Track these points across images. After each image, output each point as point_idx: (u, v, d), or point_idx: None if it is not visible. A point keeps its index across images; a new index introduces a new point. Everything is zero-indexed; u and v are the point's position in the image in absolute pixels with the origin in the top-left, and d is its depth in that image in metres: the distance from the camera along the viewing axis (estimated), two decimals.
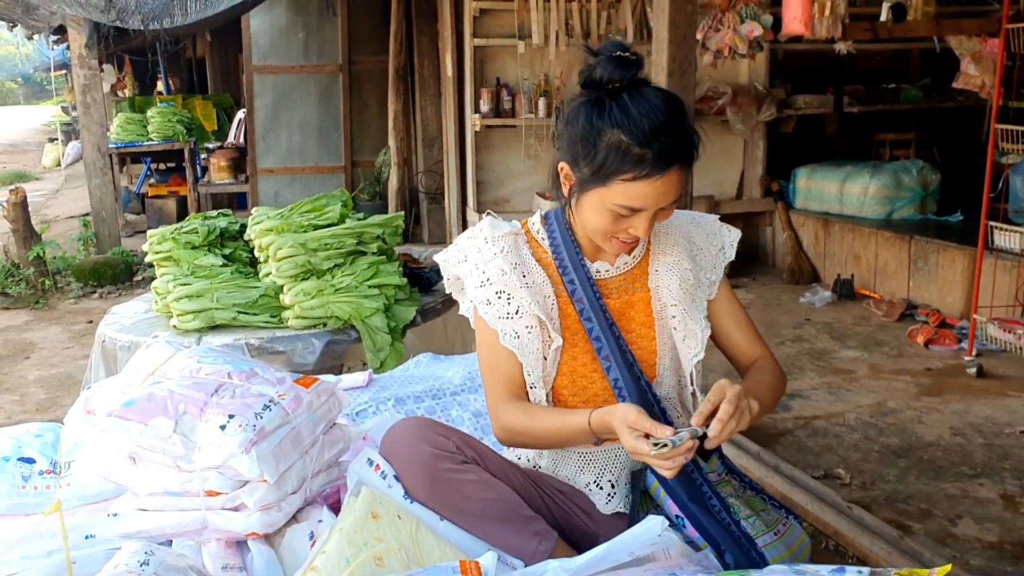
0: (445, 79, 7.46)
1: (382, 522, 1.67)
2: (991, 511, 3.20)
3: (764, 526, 1.79)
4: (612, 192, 1.71)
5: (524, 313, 1.82)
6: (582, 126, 1.73)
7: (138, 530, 1.66)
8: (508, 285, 1.82)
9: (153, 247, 3.51)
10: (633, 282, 1.92)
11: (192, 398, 1.66)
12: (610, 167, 1.69)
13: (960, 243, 5.39)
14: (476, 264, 1.86)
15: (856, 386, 4.47)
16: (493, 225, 1.89)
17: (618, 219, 1.74)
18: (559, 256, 1.89)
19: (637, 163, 1.67)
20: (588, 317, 1.83)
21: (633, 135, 1.67)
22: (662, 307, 1.90)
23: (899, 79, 8.05)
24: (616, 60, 1.72)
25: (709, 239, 2.00)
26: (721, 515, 1.77)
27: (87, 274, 7.11)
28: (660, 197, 1.71)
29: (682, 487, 1.78)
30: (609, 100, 1.71)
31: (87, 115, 7.81)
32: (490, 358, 1.88)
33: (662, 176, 1.68)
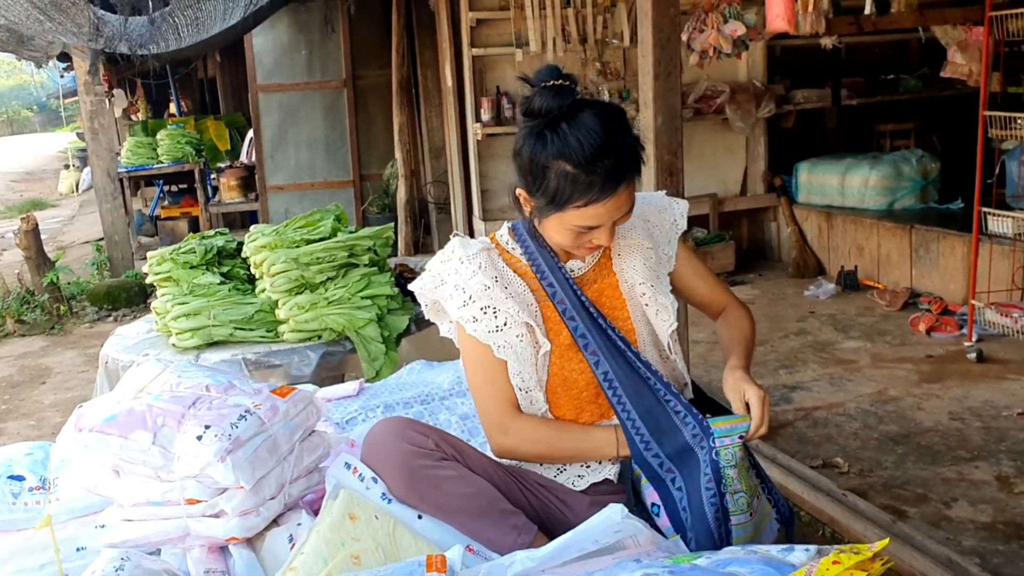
0: (445, 90, 7.53)
1: (359, 522, 1.73)
2: (986, 492, 3.23)
3: (745, 505, 1.84)
4: (569, 216, 1.80)
5: (512, 322, 1.89)
6: (528, 159, 1.82)
7: (124, 540, 1.73)
8: (493, 299, 1.89)
9: (153, 268, 3.59)
10: (600, 270, 2.01)
11: (170, 411, 1.73)
12: (561, 197, 1.78)
13: (960, 230, 5.39)
14: (455, 285, 1.93)
15: (858, 376, 4.50)
16: (464, 245, 1.96)
17: (579, 235, 1.84)
18: (535, 263, 1.96)
19: (586, 190, 1.76)
20: (571, 316, 1.90)
21: (577, 163, 1.76)
22: (630, 287, 1.98)
23: (897, 69, 8.04)
24: (551, 90, 1.80)
25: (661, 215, 2.09)
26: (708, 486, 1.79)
27: (101, 298, 7.21)
28: (614, 212, 1.81)
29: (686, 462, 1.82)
30: (548, 131, 1.79)
31: (95, 141, 7.94)
32: (485, 374, 1.94)
33: (613, 196, 1.77)
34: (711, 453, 1.81)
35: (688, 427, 1.83)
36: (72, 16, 4.32)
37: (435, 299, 2.01)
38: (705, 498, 1.79)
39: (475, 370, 1.96)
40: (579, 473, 1.99)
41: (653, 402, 1.87)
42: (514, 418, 1.92)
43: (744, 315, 2.13)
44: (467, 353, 1.97)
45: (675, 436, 1.84)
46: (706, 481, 1.80)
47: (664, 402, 1.86)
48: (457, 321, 1.93)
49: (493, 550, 1.80)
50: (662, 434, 1.85)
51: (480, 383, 1.96)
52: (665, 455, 1.84)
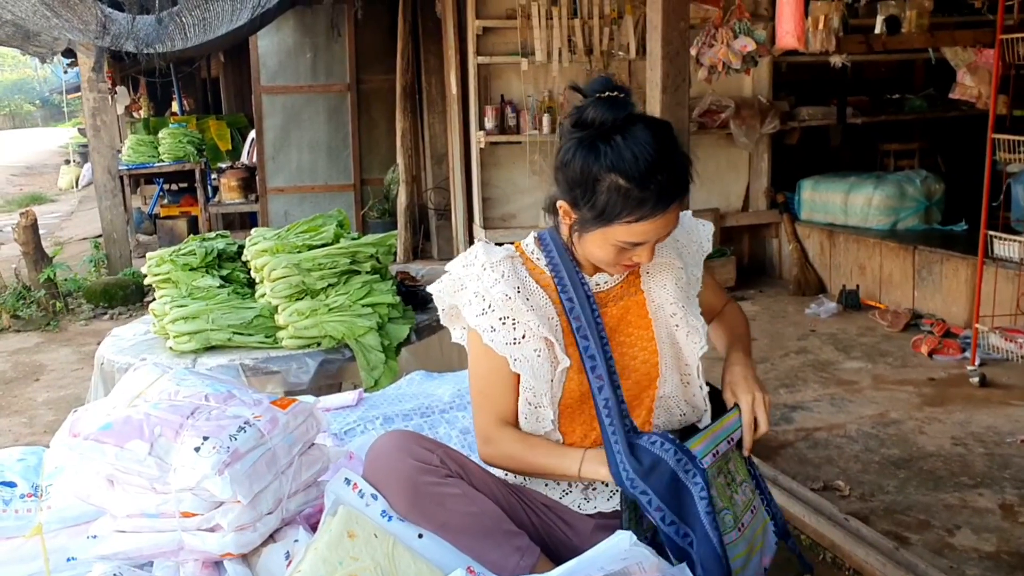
0: (450, 97, 7.51)
1: (358, 541, 1.69)
2: (989, 521, 3.18)
3: (732, 521, 1.80)
4: (615, 231, 1.76)
5: (531, 336, 1.84)
6: (579, 170, 1.76)
7: (116, 551, 1.69)
8: (513, 310, 1.84)
9: (152, 269, 3.55)
10: (627, 287, 1.96)
11: (168, 421, 1.69)
12: (611, 211, 1.74)
13: (964, 253, 5.37)
14: (475, 292, 1.87)
15: (859, 397, 4.46)
16: (488, 251, 1.90)
17: (621, 252, 1.80)
18: (558, 275, 1.91)
19: (639, 205, 1.72)
20: (584, 335, 1.85)
21: (631, 178, 1.71)
22: (657, 307, 1.94)
23: (903, 89, 8.03)
24: (607, 102, 1.75)
25: (689, 236, 2.06)
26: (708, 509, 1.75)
27: (98, 296, 7.16)
28: (662, 230, 1.78)
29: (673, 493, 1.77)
30: (602, 143, 1.74)
31: (97, 138, 7.90)
32: (485, 384, 1.91)
33: (664, 214, 1.74)
34: (704, 476, 1.77)
35: (668, 452, 1.76)
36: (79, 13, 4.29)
37: (453, 304, 1.96)
38: (707, 524, 1.75)
39: (478, 377, 1.93)
40: (585, 496, 1.95)
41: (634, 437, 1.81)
42: (499, 429, 1.89)
43: (737, 311, 2.16)
44: (476, 360, 1.93)
45: (660, 467, 1.77)
46: (704, 505, 1.75)
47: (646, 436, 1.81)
48: (474, 329, 1.88)
49: (495, 572, 1.76)
50: (648, 468, 1.77)
51: (478, 390, 1.93)
52: (653, 490, 1.77)
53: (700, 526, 1.75)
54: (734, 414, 1.87)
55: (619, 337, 1.91)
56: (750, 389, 1.87)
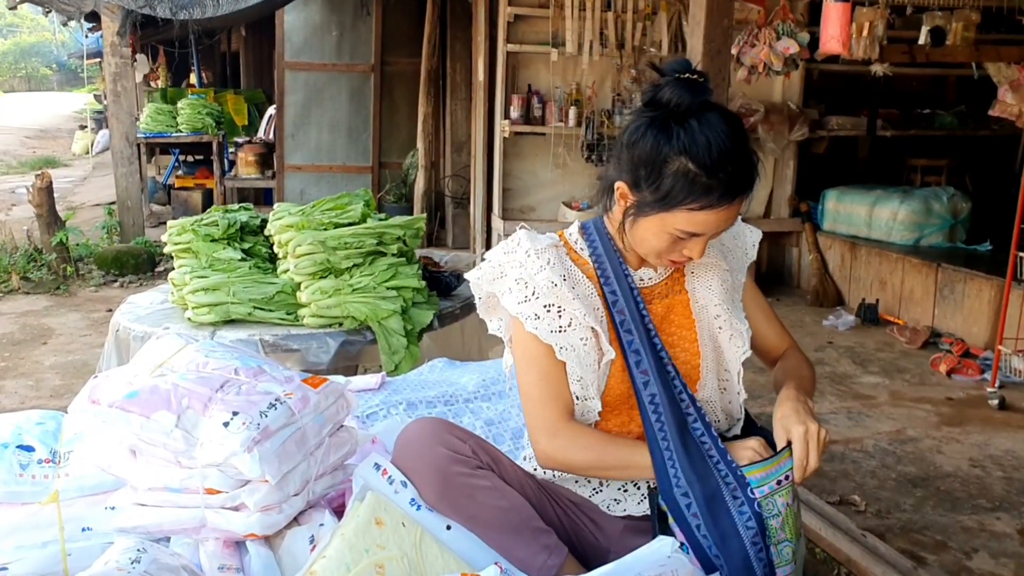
0: (476, 84, 7.44)
1: (385, 529, 1.63)
2: (1008, 546, 3.14)
3: (791, 554, 1.73)
4: (675, 218, 1.70)
5: (577, 325, 1.78)
6: (648, 149, 1.70)
7: (135, 525, 1.63)
8: (559, 298, 1.77)
9: (172, 238, 3.49)
10: (672, 285, 1.90)
11: (196, 393, 1.63)
12: (676, 195, 1.68)
13: (988, 273, 5.31)
14: (517, 279, 1.80)
15: (876, 412, 4.41)
16: (532, 238, 1.84)
17: (676, 242, 1.74)
18: (601, 266, 1.85)
19: (705, 193, 1.66)
20: (628, 329, 1.79)
21: (702, 164, 1.65)
22: (701, 308, 1.88)
23: (934, 105, 7.95)
24: (686, 83, 1.69)
25: (735, 240, 2.00)
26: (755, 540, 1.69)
27: (109, 262, 7.13)
28: (722, 224, 1.72)
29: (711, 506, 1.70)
30: (675, 125, 1.68)
31: (117, 103, 7.85)
32: (539, 373, 1.80)
33: (728, 206, 1.68)
34: (752, 505, 1.69)
35: (720, 473, 1.71)
36: None
37: (492, 292, 1.88)
38: (752, 553, 1.68)
39: (529, 367, 1.81)
40: (615, 497, 1.89)
41: (690, 439, 1.74)
42: (567, 422, 1.79)
43: (805, 362, 2.00)
44: (523, 350, 1.82)
45: (707, 480, 1.71)
46: (751, 536, 1.68)
47: (700, 443, 1.74)
48: (515, 317, 1.80)
49: (521, 569, 1.70)
50: (695, 474, 1.71)
51: (533, 381, 1.81)
52: (694, 497, 1.71)
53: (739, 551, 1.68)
54: (787, 454, 1.73)
55: (662, 335, 1.85)
56: (802, 421, 1.73)
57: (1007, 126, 6.04)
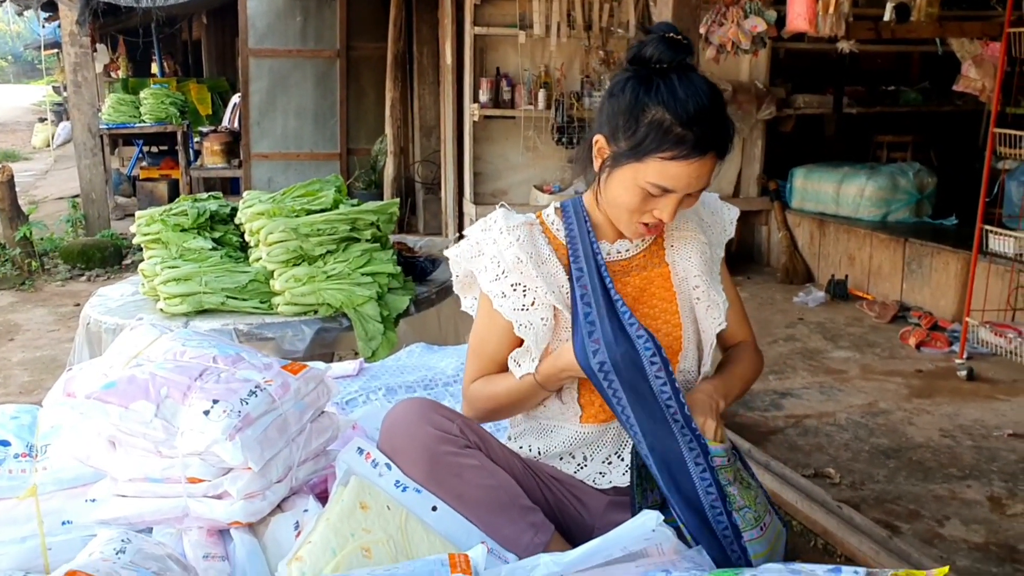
0: (444, 67, 7.40)
1: (370, 513, 1.63)
2: (978, 512, 3.20)
3: (754, 520, 1.76)
4: (647, 169, 1.70)
5: (539, 304, 1.81)
6: (628, 100, 1.73)
7: (116, 516, 1.62)
8: (524, 275, 1.81)
9: (141, 228, 3.45)
10: (651, 258, 1.92)
11: (175, 382, 1.62)
12: (649, 144, 1.69)
13: (954, 247, 5.38)
14: (492, 257, 1.84)
15: (847, 386, 4.46)
16: (507, 216, 1.87)
17: (646, 198, 1.74)
18: (573, 244, 1.86)
19: (677, 143, 1.67)
20: (588, 302, 1.79)
21: (677, 115, 1.67)
22: (681, 280, 1.90)
23: (899, 82, 8.04)
24: (668, 41, 1.73)
25: (714, 216, 2.02)
26: (714, 504, 1.72)
27: (75, 256, 7.03)
28: (693, 181, 1.71)
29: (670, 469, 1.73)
30: (657, 78, 1.71)
31: (78, 94, 7.72)
32: (479, 345, 1.91)
33: (699, 159, 1.68)
34: (713, 473, 1.72)
35: (684, 439, 1.72)
36: None
37: (469, 270, 1.92)
38: (711, 516, 1.72)
39: (475, 339, 1.93)
40: (600, 471, 1.91)
41: (654, 405, 1.73)
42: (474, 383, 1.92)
43: (757, 358, 2.04)
44: (479, 322, 1.92)
45: (669, 445, 1.73)
46: (711, 500, 1.72)
47: (666, 406, 1.72)
48: (486, 294, 1.85)
49: (508, 547, 1.71)
50: (656, 439, 1.73)
51: (472, 351, 1.93)
52: (654, 460, 1.73)
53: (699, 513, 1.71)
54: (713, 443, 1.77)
55: (642, 308, 1.87)
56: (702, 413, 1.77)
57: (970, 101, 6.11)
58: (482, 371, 1.91)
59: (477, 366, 1.92)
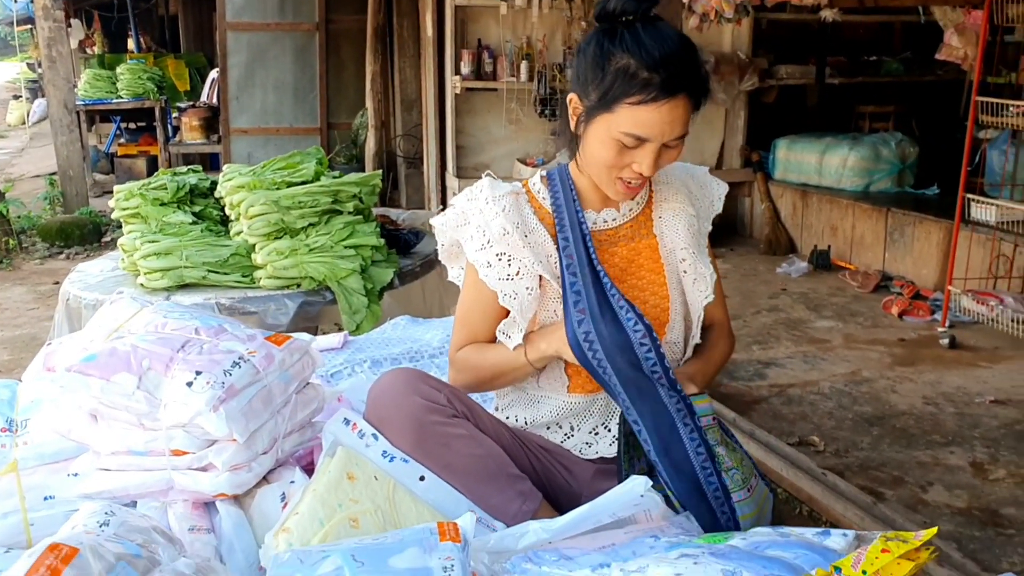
0: (425, 40, 7.33)
1: (358, 483, 1.62)
2: (961, 478, 3.24)
3: (741, 481, 1.76)
4: (618, 118, 1.68)
5: (525, 274, 1.79)
6: (593, 52, 1.71)
7: (100, 490, 1.60)
8: (510, 246, 1.79)
9: (120, 203, 3.41)
10: (639, 228, 1.89)
11: (157, 354, 1.59)
12: (617, 90, 1.66)
13: (936, 216, 5.40)
14: (478, 226, 1.82)
15: (831, 355, 4.49)
16: (493, 185, 1.85)
17: (622, 151, 1.71)
18: (559, 213, 1.85)
19: (644, 86, 1.64)
20: (574, 272, 1.78)
21: (642, 59, 1.65)
22: (669, 252, 1.88)
23: (881, 52, 8.03)
24: None
25: (703, 190, 1.99)
26: (704, 465, 1.72)
27: (53, 234, 6.96)
28: (666, 127, 1.68)
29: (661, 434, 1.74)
30: (622, 29, 1.69)
31: (52, 70, 7.61)
32: (466, 314, 1.90)
33: (668, 101, 1.65)
34: (701, 433, 1.73)
35: (672, 399, 1.73)
36: None
37: (455, 239, 1.91)
38: (703, 477, 1.72)
39: (462, 308, 1.93)
40: (587, 441, 1.91)
41: (640, 373, 1.73)
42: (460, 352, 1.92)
43: (730, 342, 2.05)
44: (465, 292, 1.91)
45: (658, 411, 1.73)
46: (701, 461, 1.72)
47: (651, 373, 1.72)
48: (471, 263, 1.84)
49: (496, 516, 1.71)
50: (645, 405, 1.74)
51: (458, 320, 1.93)
52: (644, 425, 1.74)
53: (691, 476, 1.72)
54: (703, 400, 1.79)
55: (630, 280, 1.86)
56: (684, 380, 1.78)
57: (952, 71, 6.12)
58: (469, 340, 1.91)
59: (464, 335, 1.91)
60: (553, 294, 1.81)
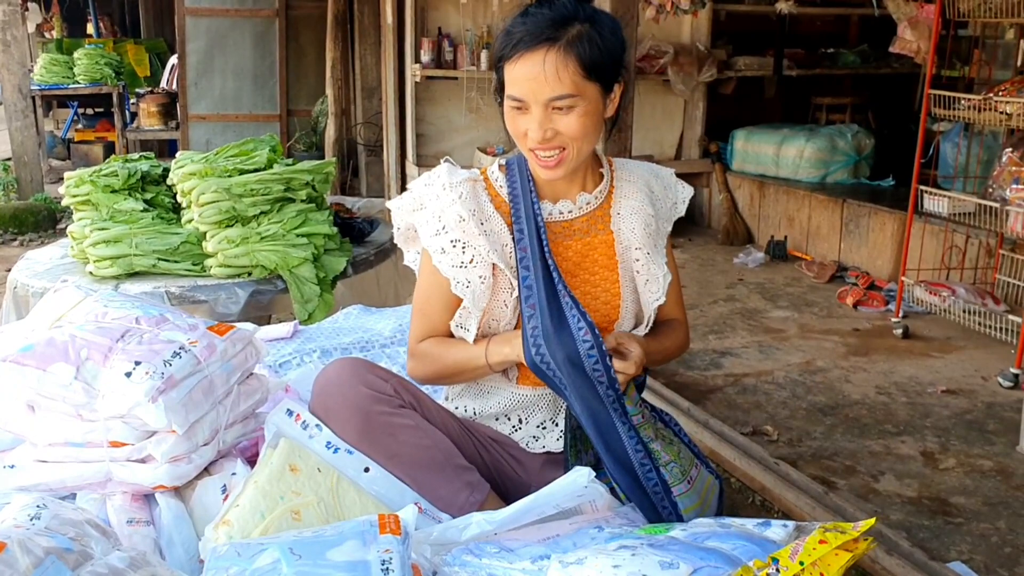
0: (385, 27, 7.28)
1: (300, 475, 1.61)
2: (911, 467, 3.26)
3: (680, 474, 1.77)
4: (508, 88, 1.69)
5: (479, 262, 1.78)
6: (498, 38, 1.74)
7: (37, 483, 1.58)
8: (465, 232, 1.77)
9: (70, 190, 3.35)
10: (595, 223, 1.88)
11: (96, 343, 1.57)
12: (497, 54, 1.70)
13: (891, 207, 5.46)
14: (433, 212, 1.81)
15: (786, 345, 4.52)
16: (451, 172, 1.84)
17: (516, 119, 1.72)
18: (515, 203, 1.83)
19: (509, 43, 1.66)
20: (527, 266, 1.78)
21: (516, 25, 1.67)
22: (624, 249, 1.88)
23: (838, 44, 8.09)
24: None
25: (666, 191, 2.00)
26: (643, 462, 1.73)
27: (7, 220, 6.85)
28: (532, 84, 1.65)
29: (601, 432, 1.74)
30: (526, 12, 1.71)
31: (7, 53, 7.47)
32: (424, 303, 1.88)
33: (527, 53, 1.64)
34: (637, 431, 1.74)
35: (608, 400, 1.73)
36: None
37: (410, 223, 1.89)
38: (641, 474, 1.73)
39: (419, 296, 1.90)
40: (534, 435, 1.90)
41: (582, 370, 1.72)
42: (422, 343, 1.89)
43: (684, 337, 2.04)
44: (421, 278, 1.89)
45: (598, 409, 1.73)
46: (640, 458, 1.74)
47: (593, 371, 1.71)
48: (426, 248, 1.82)
49: (442, 508, 1.71)
50: (585, 404, 1.74)
51: (417, 309, 1.90)
52: (585, 423, 1.75)
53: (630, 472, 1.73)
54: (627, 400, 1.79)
55: (582, 274, 1.86)
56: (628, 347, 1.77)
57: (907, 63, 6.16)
58: (428, 331, 1.88)
59: (422, 325, 1.88)
60: (505, 284, 1.80)
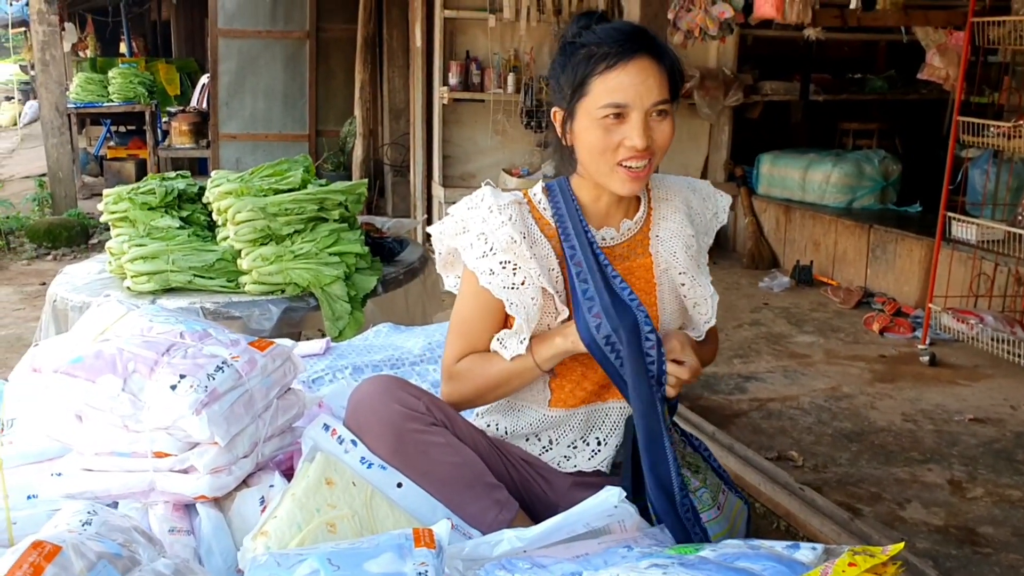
0: (414, 50, 7.37)
1: (336, 488, 1.64)
2: (938, 496, 3.24)
3: (710, 500, 1.79)
4: (595, 98, 1.71)
5: (531, 284, 1.78)
6: (559, 62, 1.79)
7: (83, 491, 1.62)
8: (517, 255, 1.77)
9: (108, 207, 3.42)
10: (635, 247, 1.89)
11: (142, 356, 1.62)
12: (584, 72, 1.72)
13: (918, 233, 5.45)
14: (479, 234, 1.80)
15: (811, 370, 4.51)
16: (495, 194, 1.84)
17: (609, 130, 1.72)
18: (562, 224, 1.84)
19: (605, 56, 1.70)
20: (584, 279, 1.78)
21: (600, 40, 1.72)
22: (662, 272, 1.88)
23: (865, 69, 8.11)
24: (580, 15, 1.82)
25: (705, 203, 2.00)
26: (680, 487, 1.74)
27: (41, 235, 6.97)
28: (640, 88, 1.69)
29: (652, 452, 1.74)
30: (583, 32, 1.77)
31: (45, 73, 7.62)
32: (466, 325, 1.87)
33: (632, 61, 1.69)
34: (675, 455, 1.75)
35: (657, 396, 1.75)
36: None
37: (453, 247, 1.90)
38: (679, 499, 1.74)
39: (460, 318, 1.89)
40: (565, 454, 1.92)
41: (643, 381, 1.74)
42: (459, 363, 1.88)
43: (717, 345, 2.07)
44: (463, 301, 1.88)
45: (652, 423, 1.75)
46: (679, 482, 1.75)
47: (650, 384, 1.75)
48: (471, 271, 1.82)
49: (473, 524, 1.73)
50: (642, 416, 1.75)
51: (455, 330, 1.89)
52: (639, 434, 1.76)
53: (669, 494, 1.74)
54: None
55: None
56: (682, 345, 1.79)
57: (935, 89, 6.17)
58: (466, 350, 1.87)
59: (460, 345, 1.88)
60: (551, 309, 1.81)
